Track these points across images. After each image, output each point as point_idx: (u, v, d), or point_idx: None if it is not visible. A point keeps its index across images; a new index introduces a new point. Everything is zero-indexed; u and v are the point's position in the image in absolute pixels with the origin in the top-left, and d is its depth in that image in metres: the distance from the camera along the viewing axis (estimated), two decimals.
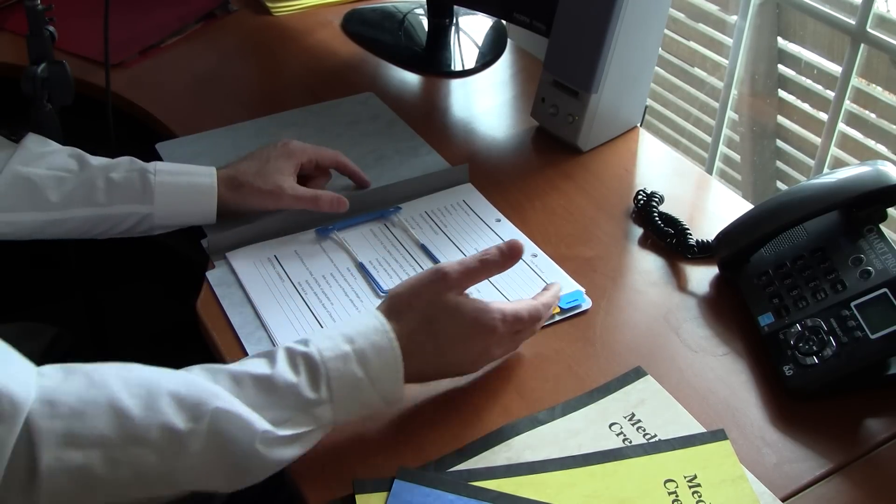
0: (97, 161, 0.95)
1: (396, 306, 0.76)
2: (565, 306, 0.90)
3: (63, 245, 1.29)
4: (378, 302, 0.91)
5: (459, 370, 0.80)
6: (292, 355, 0.71)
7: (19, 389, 0.61)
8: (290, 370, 0.70)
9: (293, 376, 0.69)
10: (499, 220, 1.03)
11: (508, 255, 0.80)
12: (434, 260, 0.97)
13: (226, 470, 0.67)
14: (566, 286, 0.93)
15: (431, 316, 0.75)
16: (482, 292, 0.92)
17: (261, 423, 0.67)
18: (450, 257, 0.97)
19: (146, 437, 0.64)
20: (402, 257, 0.97)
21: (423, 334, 0.75)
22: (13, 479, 0.60)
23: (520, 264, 0.96)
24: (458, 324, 0.76)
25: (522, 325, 0.80)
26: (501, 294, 0.92)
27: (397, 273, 0.95)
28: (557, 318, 0.90)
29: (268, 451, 0.67)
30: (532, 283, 0.93)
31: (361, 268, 0.96)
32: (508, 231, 1.01)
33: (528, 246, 0.99)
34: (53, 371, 0.65)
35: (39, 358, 1.05)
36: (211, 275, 0.94)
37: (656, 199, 1.03)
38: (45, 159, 0.93)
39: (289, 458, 0.70)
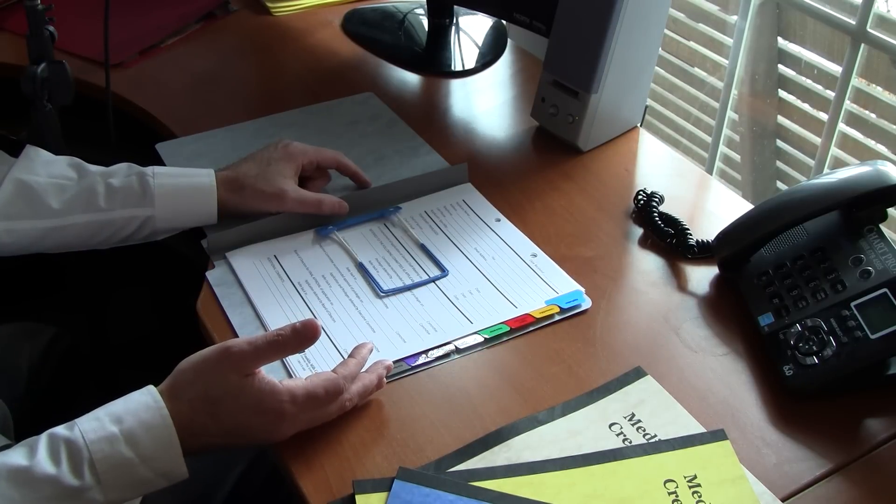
0: (95, 168, 0.95)
1: (179, 383, 0.73)
2: (565, 306, 0.90)
3: None
4: (378, 302, 0.91)
5: (255, 443, 0.77)
6: (54, 442, 0.68)
7: None
8: (50, 459, 0.67)
9: (52, 466, 0.67)
10: (498, 220, 1.03)
11: (303, 336, 0.75)
12: (434, 260, 0.97)
13: None
14: (566, 286, 0.93)
15: (214, 397, 0.72)
16: (481, 291, 0.92)
17: None
18: (449, 257, 0.97)
19: None
20: (402, 257, 0.97)
21: (205, 415, 0.72)
22: None
23: (520, 264, 0.96)
24: (241, 406, 0.73)
25: (319, 402, 0.75)
26: (500, 293, 0.92)
27: (397, 273, 0.95)
28: (557, 318, 0.90)
29: None
30: (532, 283, 0.93)
31: (361, 267, 0.96)
32: (508, 231, 1.01)
33: (528, 246, 0.99)
34: None
35: (38, 357, 1.06)
36: (211, 275, 0.94)
37: (656, 199, 1.03)
38: (45, 168, 0.93)
39: None
